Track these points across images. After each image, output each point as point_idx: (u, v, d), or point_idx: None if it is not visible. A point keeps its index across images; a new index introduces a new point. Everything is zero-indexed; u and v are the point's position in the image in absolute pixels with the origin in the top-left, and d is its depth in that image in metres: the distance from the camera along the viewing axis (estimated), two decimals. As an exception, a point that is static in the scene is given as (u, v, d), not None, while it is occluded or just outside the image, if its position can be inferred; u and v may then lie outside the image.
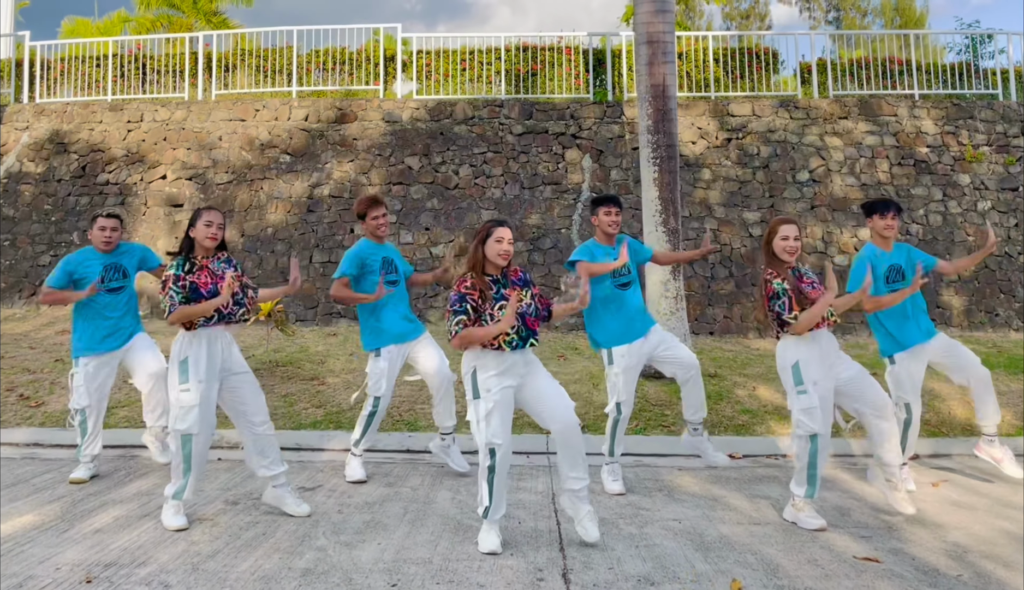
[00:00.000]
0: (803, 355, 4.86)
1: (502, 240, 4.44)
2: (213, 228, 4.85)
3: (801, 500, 4.95)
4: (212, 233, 4.84)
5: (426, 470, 6.27)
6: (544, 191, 11.71)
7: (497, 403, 4.45)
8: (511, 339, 4.45)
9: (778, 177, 11.81)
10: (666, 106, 9.01)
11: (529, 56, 13.23)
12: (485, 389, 4.47)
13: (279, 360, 8.85)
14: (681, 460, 6.71)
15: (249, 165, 11.88)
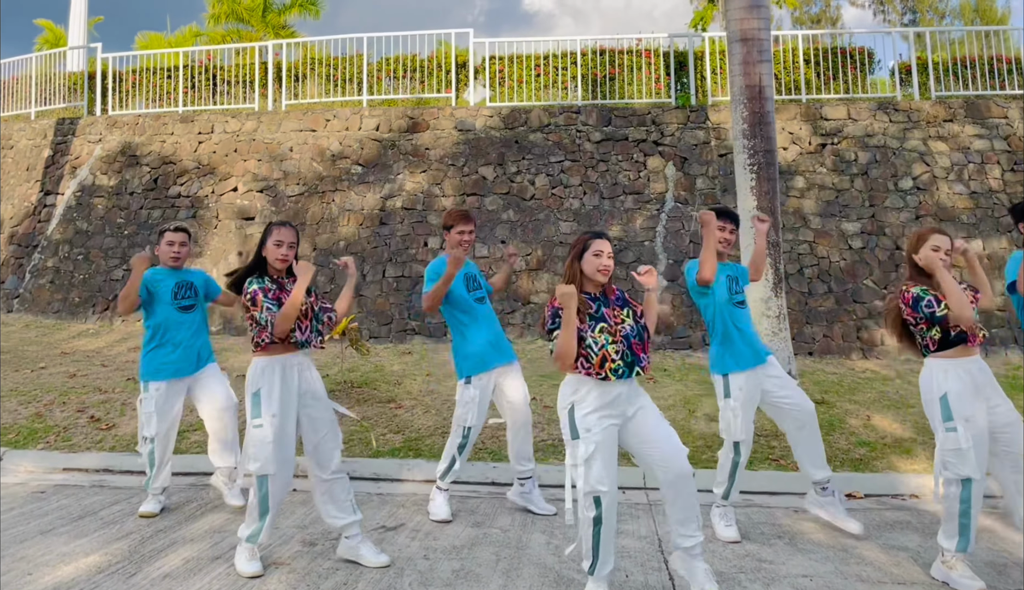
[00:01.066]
0: (953, 386, 4.18)
1: (601, 254, 3.93)
2: (283, 248, 4.35)
3: (952, 556, 4.26)
4: (282, 254, 4.36)
5: (514, 507, 5.73)
6: (625, 201, 11.10)
7: (599, 444, 3.88)
8: (616, 366, 3.89)
9: (878, 185, 10.97)
10: (763, 108, 8.35)
11: (606, 60, 12.65)
12: (585, 428, 3.91)
13: (354, 380, 8.42)
14: (795, 500, 6.02)
15: (320, 177, 11.56)
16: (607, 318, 3.94)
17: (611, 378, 3.87)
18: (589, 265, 3.95)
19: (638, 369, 3.94)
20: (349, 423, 7.31)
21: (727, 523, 5.13)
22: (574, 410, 3.98)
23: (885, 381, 8.44)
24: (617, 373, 3.89)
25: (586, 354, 3.91)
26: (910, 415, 7.36)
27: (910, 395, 7.96)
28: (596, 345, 3.87)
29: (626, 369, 3.91)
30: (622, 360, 3.90)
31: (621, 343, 3.92)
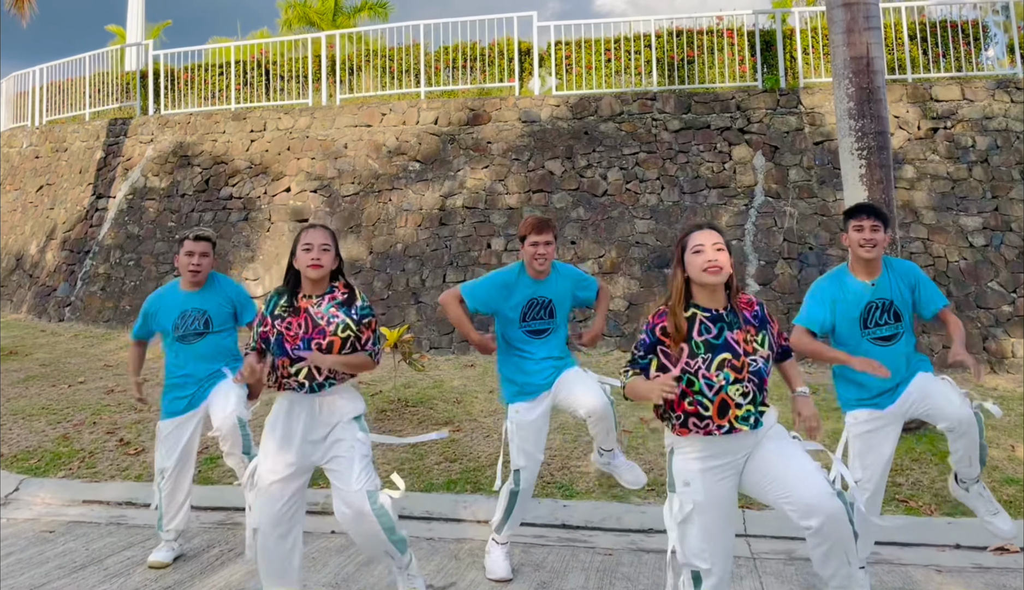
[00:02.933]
0: None
1: (703, 248, 2.93)
2: (314, 252, 3.51)
3: None
4: (313, 259, 3.51)
5: (590, 559, 4.79)
6: (709, 196, 10.00)
7: (699, 506, 2.96)
8: (746, 413, 2.91)
9: (1001, 173, 9.61)
10: (872, 83, 7.18)
11: (684, 41, 11.55)
12: (683, 482, 3.00)
13: (408, 398, 7.59)
14: (934, 553, 4.92)
15: (376, 175, 10.80)
16: (732, 345, 2.93)
17: (739, 428, 2.91)
18: (693, 268, 2.94)
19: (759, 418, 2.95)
20: (400, 450, 6.47)
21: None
22: (674, 454, 3.04)
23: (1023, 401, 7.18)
24: (747, 421, 2.91)
25: (696, 404, 2.92)
26: (1061, 443, 6.14)
27: (1056, 418, 6.70)
28: (711, 388, 2.88)
29: (756, 415, 2.92)
30: (752, 405, 2.92)
31: (749, 381, 2.91)
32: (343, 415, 3.63)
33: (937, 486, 5.66)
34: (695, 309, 2.98)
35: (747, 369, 2.90)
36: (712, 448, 2.96)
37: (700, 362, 2.90)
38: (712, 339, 2.92)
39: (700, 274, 2.93)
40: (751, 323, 2.98)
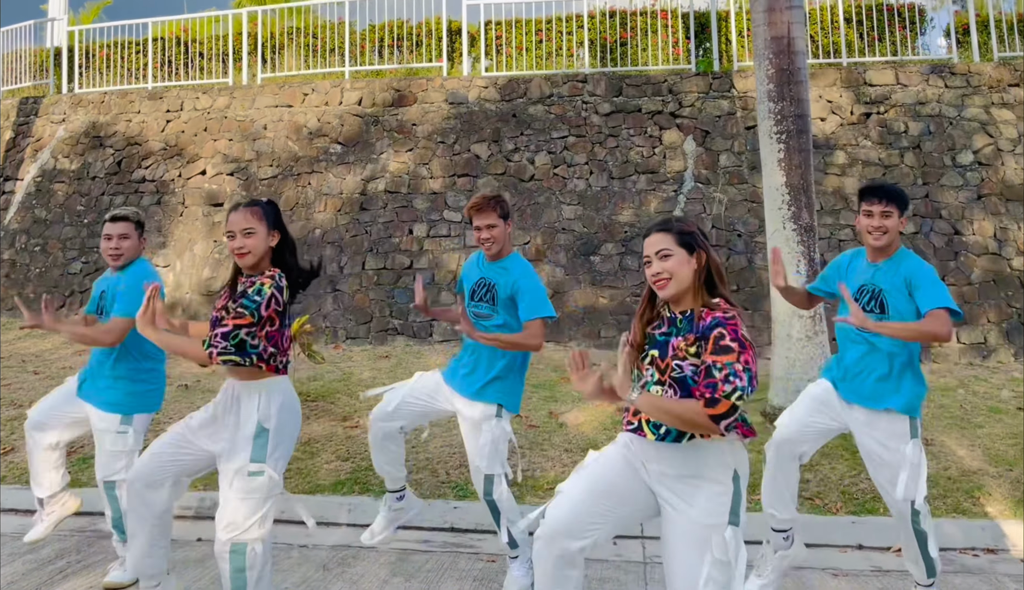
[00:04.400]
0: None
1: (649, 261, 2.67)
2: (237, 239, 3.16)
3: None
4: (236, 248, 3.17)
5: (471, 566, 4.50)
6: (638, 181, 9.71)
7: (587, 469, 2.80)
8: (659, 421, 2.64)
9: (933, 160, 9.44)
10: (792, 64, 6.93)
11: (617, 23, 11.23)
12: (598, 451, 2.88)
13: (311, 392, 7.21)
14: (835, 554, 4.71)
15: (296, 157, 10.35)
16: (665, 346, 2.62)
17: (647, 434, 2.62)
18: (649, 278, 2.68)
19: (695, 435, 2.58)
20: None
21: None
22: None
23: (945, 392, 7.00)
24: (657, 430, 2.61)
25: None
26: (979, 438, 5.95)
27: (977, 410, 6.53)
28: (638, 381, 2.66)
29: (673, 430, 2.58)
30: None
31: (670, 388, 2.58)
32: (244, 425, 3.19)
33: (845, 483, 5.45)
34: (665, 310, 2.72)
35: (669, 372, 2.57)
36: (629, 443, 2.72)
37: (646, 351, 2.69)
38: (659, 335, 2.66)
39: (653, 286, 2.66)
40: (697, 331, 2.58)
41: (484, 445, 3.90)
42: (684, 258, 2.58)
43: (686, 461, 2.58)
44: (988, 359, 8.12)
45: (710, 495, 2.53)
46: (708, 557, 2.47)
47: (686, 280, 2.59)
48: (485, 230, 3.93)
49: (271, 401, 3.21)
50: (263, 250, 3.20)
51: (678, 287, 2.59)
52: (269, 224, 3.23)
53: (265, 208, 3.27)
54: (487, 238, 3.94)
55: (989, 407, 6.52)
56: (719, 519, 2.51)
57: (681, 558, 2.54)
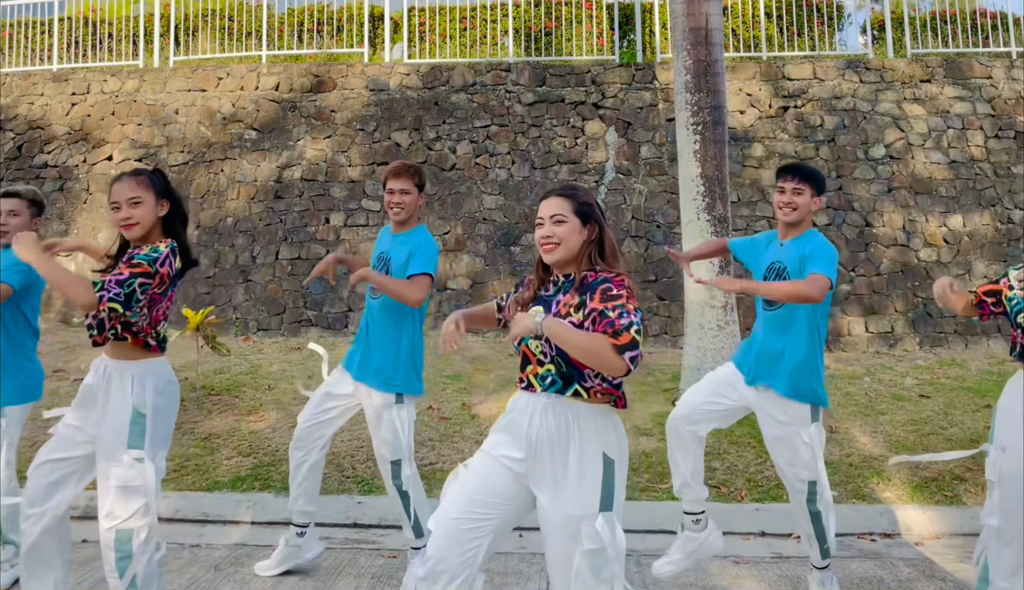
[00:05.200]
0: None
1: (542, 222, 2.59)
2: (122, 210, 2.97)
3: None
4: (122, 219, 2.98)
5: (371, 562, 4.38)
6: (560, 171, 9.65)
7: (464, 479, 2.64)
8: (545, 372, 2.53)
9: (847, 153, 9.63)
10: (710, 55, 6.96)
11: (542, 11, 11.14)
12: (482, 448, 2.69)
13: (215, 385, 6.95)
14: (739, 542, 4.72)
15: (208, 143, 9.98)
16: (551, 304, 2.55)
17: (535, 387, 2.51)
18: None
19: (580, 388, 2.49)
20: (188, 444, 5.86)
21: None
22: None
23: (852, 379, 7.13)
24: (544, 381, 2.50)
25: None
26: (881, 424, 6.06)
27: (881, 397, 6.65)
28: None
29: (557, 379, 2.48)
30: (554, 366, 2.50)
31: (547, 343, 2.51)
32: (119, 409, 2.99)
33: (751, 470, 5.48)
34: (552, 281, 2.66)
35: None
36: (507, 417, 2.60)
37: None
38: (545, 295, 2.60)
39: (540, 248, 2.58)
40: (578, 291, 2.52)
41: (387, 432, 3.84)
42: (577, 226, 2.54)
43: (559, 430, 2.48)
44: (894, 347, 8.32)
45: (578, 484, 2.45)
46: (579, 548, 2.41)
47: (574, 249, 2.54)
48: (398, 194, 3.85)
49: (146, 383, 3.03)
50: (151, 220, 3.02)
51: (565, 254, 2.53)
52: (157, 193, 3.05)
53: (152, 176, 3.09)
54: (398, 202, 3.85)
55: (893, 394, 6.66)
56: (589, 509, 2.43)
57: (554, 549, 2.49)
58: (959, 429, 5.87)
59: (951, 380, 6.84)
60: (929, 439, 5.73)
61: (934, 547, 4.67)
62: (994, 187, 9.34)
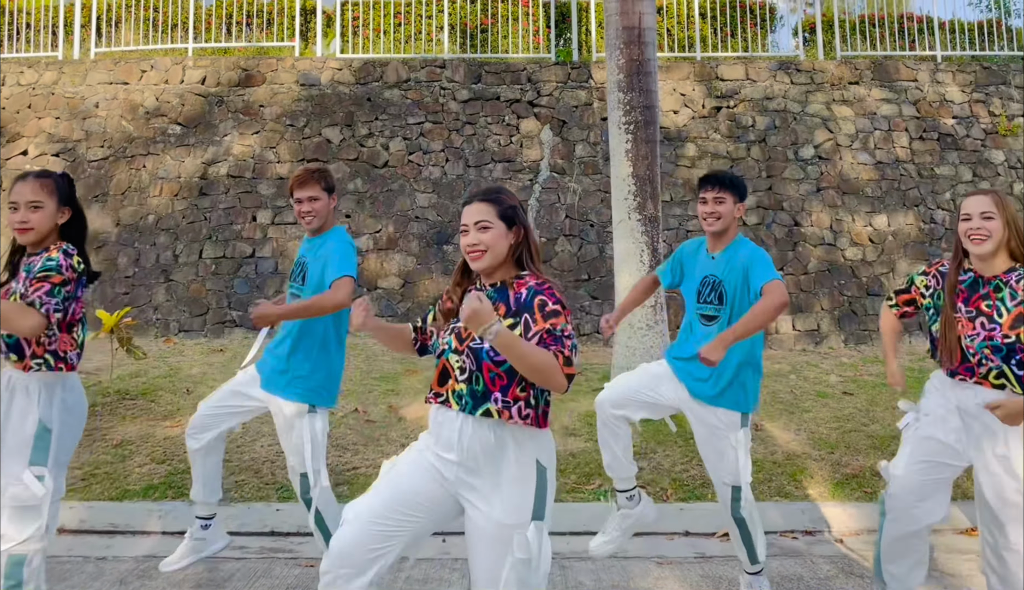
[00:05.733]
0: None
1: (466, 229, 2.50)
2: (20, 212, 2.82)
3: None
4: (19, 222, 2.82)
5: (287, 572, 4.23)
6: (494, 170, 9.57)
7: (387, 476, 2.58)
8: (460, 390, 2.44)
9: (777, 153, 9.75)
10: (642, 55, 6.95)
11: (479, 8, 11.05)
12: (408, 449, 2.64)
13: (130, 389, 6.67)
14: (663, 542, 4.69)
15: (130, 138, 9.63)
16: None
17: (452, 404, 2.42)
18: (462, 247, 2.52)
19: (490, 409, 2.40)
20: (98, 451, 5.61)
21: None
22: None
23: (778, 377, 7.19)
24: (460, 400, 2.41)
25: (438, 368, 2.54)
26: (805, 422, 6.11)
27: (806, 395, 6.72)
28: (435, 350, 2.55)
29: (469, 400, 2.40)
30: (468, 384, 2.42)
31: (467, 357, 2.42)
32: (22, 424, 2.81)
33: (677, 469, 5.46)
34: (476, 287, 2.56)
35: (468, 343, 2.41)
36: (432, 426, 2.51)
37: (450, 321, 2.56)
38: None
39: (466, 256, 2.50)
40: (507, 304, 2.45)
41: (298, 442, 3.68)
42: (503, 232, 2.46)
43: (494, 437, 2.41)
44: (820, 345, 8.45)
45: (512, 492, 2.39)
46: (509, 557, 2.34)
47: (501, 254, 2.47)
48: (307, 203, 3.69)
49: (53, 397, 2.88)
50: (48, 228, 2.86)
51: (492, 260, 2.46)
52: (60, 199, 2.90)
53: (58, 181, 2.93)
54: (308, 211, 3.70)
55: (817, 392, 6.73)
56: (522, 517, 2.38)
57: (483, 558, 2.40)
58: (880, 425, 5.95)
59: (874, 377, 6.95)
60: (851, 436, 5.80)
61: (854, 544, 4.71)
62: (918, 188, 9.56)
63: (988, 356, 2.90)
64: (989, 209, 2.88)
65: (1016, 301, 2.87)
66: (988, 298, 2.94)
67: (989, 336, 2.90)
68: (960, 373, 3.01)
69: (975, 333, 2.94)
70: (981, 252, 2.90)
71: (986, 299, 2.94)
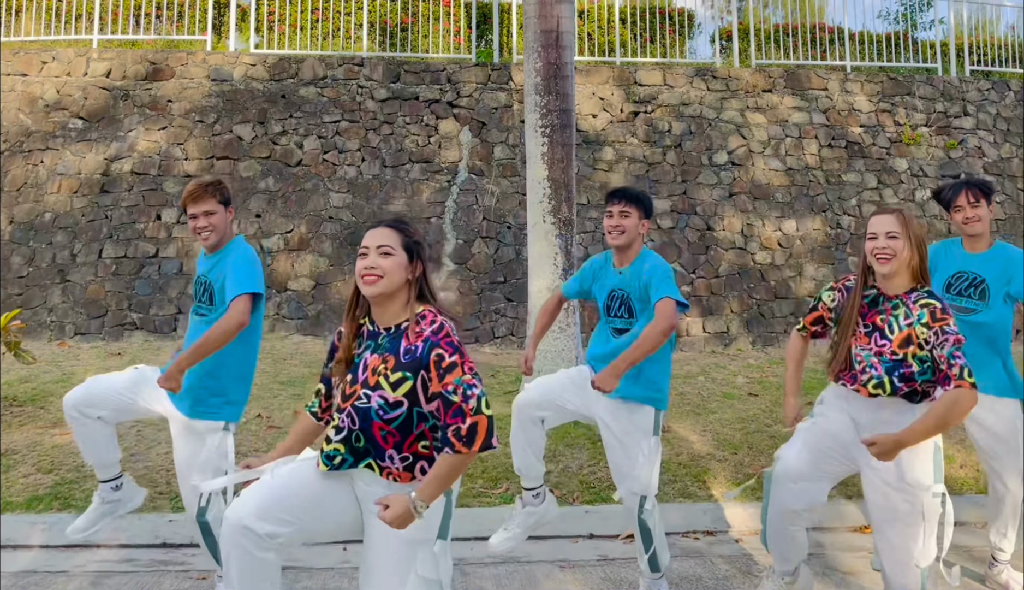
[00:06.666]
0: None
1: (366, 252, 2.40)
2: None
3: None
4: None
5: (177, 585, 4.06)
6: (411, 170, 9.46)
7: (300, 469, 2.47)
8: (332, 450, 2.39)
9: (692, 158, 9.91)
10: (560, 58, 6.95)
11: (399, 7, 10.92)
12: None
13: (18, 395, 6.34)
14: (567, 545, 4.68)
15: (28, 131, 9.18)
16: (358, 366, 2.38)
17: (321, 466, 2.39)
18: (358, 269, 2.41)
19: (372, 464, 2.34)
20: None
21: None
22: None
23: (688, 379, 7.29)
24: (331, 461, 2.35)
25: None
26: (711, 423, 6.20)
27: (713, 396, 6.83)
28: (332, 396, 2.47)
29: (348, 457, 2.34)
30: (344, 444, 2.34)
31: (348, 416, 2.34)
32: None
33: (585, 471, 5.46)
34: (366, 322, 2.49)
35: (352, 400, 2.32)
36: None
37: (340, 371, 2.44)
38: (356, 354, 2.41)
39: (360, 283, 2.37)
40: (397, 356, 2.34)
41: (209, 461, 3.53)
42: (403, 262, 2.38)
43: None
44: (729, 347, 8.62)
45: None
46: (412, 576, 2.30)
47: (396, 284, 2.37)
48: (202, 218, 3.50)
49: None
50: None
51: (386, 287, 2.35)
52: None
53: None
54: (204, 226, 3.51)
55: (724, 393, 6.85)
56: (428, 534, 2.34)
57: (384, 574, 2.34)
58: (783, 426, 6.07)
59: (779, 378, 7.11)
60: (754, 437, 5.90)
61: (753, 542, 4.77)
62: (825, 194, 9.85)
63: (873, 365, 2.95)
64: (894, 229, 2.90)
65: (908, 321, 2.92)
66: (884, 314, 2.99)
67: (879, 352, 2.96)
68: (844, 379, 3.08)
69: (868, 347, 3.00)
70: (886, 271, 2.94)
71: (882, 314, 3.00)
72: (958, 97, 10.82)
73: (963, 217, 3.70)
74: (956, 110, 10.71)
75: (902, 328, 2.93)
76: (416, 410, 2.33)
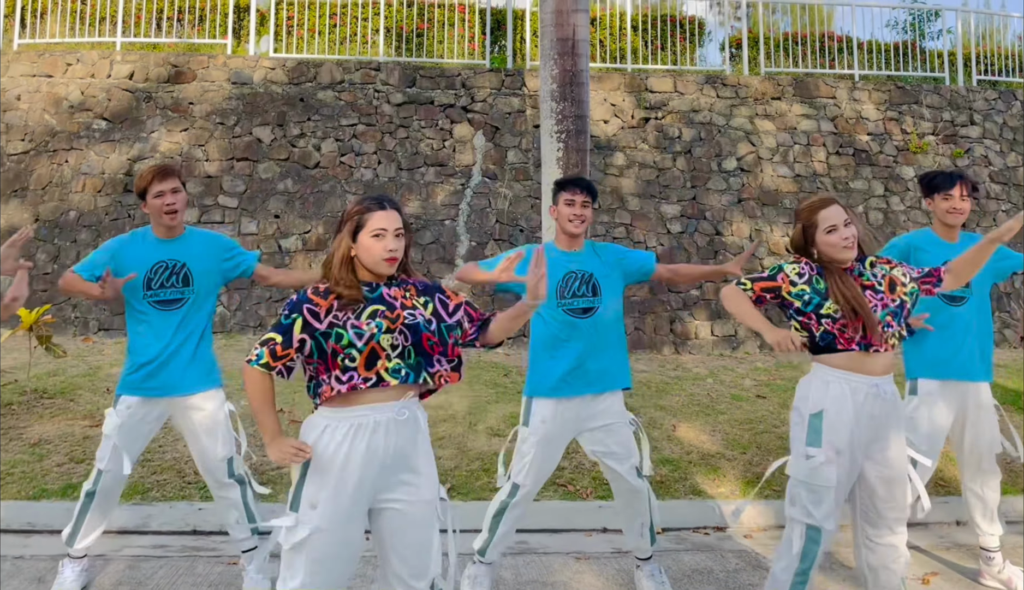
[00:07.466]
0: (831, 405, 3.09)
1: (384, 234, 2.54)
2: None
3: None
4: None
5: (209, 570, 4.25)
6: (426, 173, 9.65)
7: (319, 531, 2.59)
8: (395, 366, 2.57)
9: (702, 164, 10.08)
10: (575, 65, 7.13)
11: (415, 12, 11.12)
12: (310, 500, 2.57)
13: (48, 388, 6.54)
14: (581, 538, 4.85)
15: (53, 132, 9.39)
16: (386, 298, 2.59)
17: (388, 381, 2.51)
18: (368, 254, 2.53)
19: (427, 376, 2.59)
20: (15, 451, 5.50)
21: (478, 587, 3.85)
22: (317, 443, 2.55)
23: (696, 380, 7.47)
24: (398, 374, 2.54)
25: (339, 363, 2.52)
26: (720, 423, 6.37)
27: (722, 398, 7.00)
28: (361, 337, 2.49)
29: (410, 371, 2.56)
30: (402, 359, 2.56)
31: (400, 334, 2.56)
32: None
33: (597, 469, 5.63)
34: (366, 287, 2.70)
35: (401, 321, 2.54)
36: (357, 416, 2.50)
37: (349, 313, 2.51)
38: (367, 292, 2.58)
39: (378, 262, 2.54)
40: (412, 286, 2.70)
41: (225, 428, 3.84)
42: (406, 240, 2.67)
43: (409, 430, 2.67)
44: (737, 350, 8.79)
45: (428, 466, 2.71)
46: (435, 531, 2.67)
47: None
48: (170, 195, 3.56)
49: None
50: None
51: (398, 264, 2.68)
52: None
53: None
54: (172, 203, 3.56)
55: (732, 395, 7.02)
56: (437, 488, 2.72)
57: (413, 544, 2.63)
58: (789, 427, 6.24)
59: (786, 381, 7.27)
60: (763, 437, 6.07)
61: (761, 539, 4.94)
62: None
63: (888, 322, 3.03)
64: (847, 216, 3.06)
65: (881, 274, 3.10)
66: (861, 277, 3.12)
67: (884, 305, 3.04)
68: (873, 345, 3.00)
69: (874, 306, 3.02)
70: (854, 257, 3.08)
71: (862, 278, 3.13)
72: (965, 106, 10.98)
73: (950, 206, 3.83)
74: (963, 119, 10.87)
75: (881, 281, 3.09)
76: (443, 325, 2.64)
